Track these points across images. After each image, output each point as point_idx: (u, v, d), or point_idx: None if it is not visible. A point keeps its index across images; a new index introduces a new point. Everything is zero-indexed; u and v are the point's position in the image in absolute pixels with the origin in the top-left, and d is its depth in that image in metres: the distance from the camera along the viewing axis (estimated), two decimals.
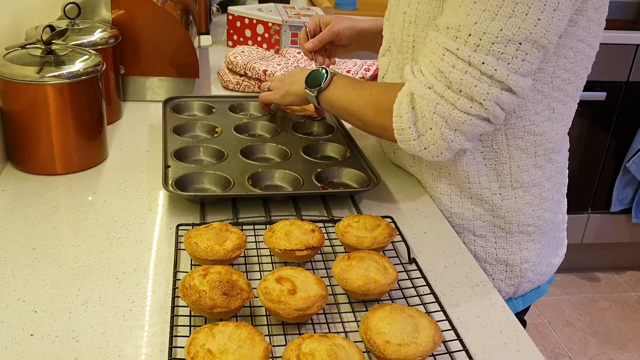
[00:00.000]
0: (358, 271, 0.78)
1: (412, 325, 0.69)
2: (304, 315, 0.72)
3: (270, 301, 0.72)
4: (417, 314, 0.72)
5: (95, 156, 1.10)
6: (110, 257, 0.85)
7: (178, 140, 1.12)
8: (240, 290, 0.73)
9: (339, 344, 0.66)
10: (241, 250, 0.81)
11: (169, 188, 0.96)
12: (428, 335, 0.69)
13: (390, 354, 0.67)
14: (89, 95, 1.05)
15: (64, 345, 0.69)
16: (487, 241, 1.04)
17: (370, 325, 0.70)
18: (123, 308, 0.75)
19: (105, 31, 1.25)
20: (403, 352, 0.67)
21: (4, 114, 1.04)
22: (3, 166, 1.06)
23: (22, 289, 0.77)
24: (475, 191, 1.01)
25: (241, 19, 1.83)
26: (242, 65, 1.50)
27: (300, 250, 0.82)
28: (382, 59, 1.12)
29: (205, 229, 0.82)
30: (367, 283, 0.76)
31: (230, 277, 0.74)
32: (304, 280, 0.75)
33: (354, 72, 1.55)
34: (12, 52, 1.05)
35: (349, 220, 0.89)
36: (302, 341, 0.66)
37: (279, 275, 0.75)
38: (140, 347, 0.70)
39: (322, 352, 0.64)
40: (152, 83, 1.39)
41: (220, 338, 0.66)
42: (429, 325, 0.70)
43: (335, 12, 2.38)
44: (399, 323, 0.69)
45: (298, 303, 0.72)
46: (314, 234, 0.84)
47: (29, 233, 0.89)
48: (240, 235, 0.83)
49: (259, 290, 0.74)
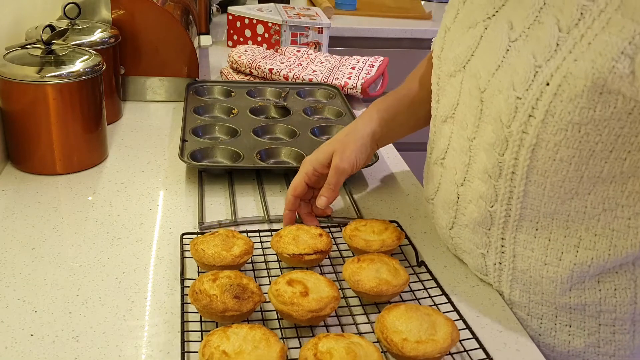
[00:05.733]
0: (369, 273, 0.77)
1: (429, 322, 0.69)
2: (317, 317, 0.71)
3: (283, 303, 0.72)
4: (433, 312, 0.71)
5: (95, 156, 1.10)
6: (110, 257, 0.85)
7: (197, 119, 1.21)
8: (252, 293, 0.72)
9: (356, 342, 0.66)
10: (249, 255, 0.81)
11: (184, 159, 1.05)
12: (446, 332, 0.68)
13: (409, 352, 0.66)
14: (89, 95, 1.05)
15: (64, 345, 0.69)
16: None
17: (386, 324, 0.69)
18: (123, 308, 0.75)
19: (105, 31, 1.25)
20: (422, 349, 0.66)
21: (4, 114, 1.04)
22: (3, 166, 1.06)
23: (22, 289, 0.77)
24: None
25: (241, 19, 1.83)
26: (248, 65, 1.50)
27: (308, 255, 0.81)
28: (443, 126, 0.87)
29: (212, 236, 0.82)
30: (379, 284, 0.76)
31: (241, 281, 0.73)
32: (316, 283, 0.74)
33: (359, 68, 1.53)
34: (12, 52, 1.05)
35: (356, 224, 0.88)
36: (318, 340, 0.66)
37: (290, 278, 0.75)
38: (140, 347, 0.70)
39: (340, 350, 0.64)
40: (152, 83, 1.39)
41: (234, 339, 0.65)
42: (446, 323, 0.69)
43: (335, 12, 2.39)
44: (415, 321, 0.68)
45: (311, 304, 0.71)
46: (322, 238, 0.84)
47: (29, 233, 0.89)
48: (247, 241, 0.83)
49: (271, 294, 0.74)
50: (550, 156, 0.70)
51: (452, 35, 0.84)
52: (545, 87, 0.67)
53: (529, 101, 0.69)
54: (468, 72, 0.79)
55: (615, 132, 0.66)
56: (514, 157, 0.73)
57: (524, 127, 0.70)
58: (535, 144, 0.70)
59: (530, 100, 0.69)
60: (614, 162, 0.69)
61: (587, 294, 0.77)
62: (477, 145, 0.79)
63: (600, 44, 0.63)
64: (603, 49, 0.63)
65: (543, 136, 0.69)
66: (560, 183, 0.72)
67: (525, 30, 0.72)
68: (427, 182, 0.95)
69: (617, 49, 0.62)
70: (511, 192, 0.75)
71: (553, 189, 0.72)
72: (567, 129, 0.67)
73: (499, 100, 0.73)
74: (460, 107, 0.82)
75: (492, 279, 0.83)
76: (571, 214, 0.74)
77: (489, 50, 0.76)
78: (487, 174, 0.77)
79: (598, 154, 0.68)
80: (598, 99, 0.65)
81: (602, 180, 0.71)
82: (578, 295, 0.77)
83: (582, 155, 0.69)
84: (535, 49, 0.69)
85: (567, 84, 0.66)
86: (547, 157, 0.70)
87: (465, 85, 0.80)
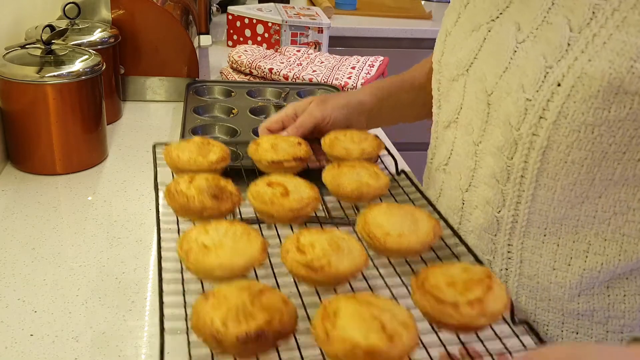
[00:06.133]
0: (350, 177, 0.78)
1: (411, 218, 0.69)
2: (297, 216, 0.70)
3: (263, 203, 0.70)
4: (415, 209, 0.71)
5: (95, 156, 1.10)
6: (110, 257, 0.85)
7: (196, 119, 1.21)
8: (230, 194, 0.70)
9: (339, 235, 0.65)
10: (226, 162, 0.79)
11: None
12: (428, 226, 0.68)
13: (391, 245, 0.66)
14: (89, 95, 1.05)
15: (64, 345, 0.69)
16: None
17: (368, 220, 0.68)
18: (123, 308, 0.75)
19: (105, 31, 1.25)
20: (405, 242, 0.66)
21: (3, 114, 1.03)
22: (3, 166, 1.06)
23: (22, 289, 0.77)
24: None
25: (241, 18, 1.83)
26: (248, 65, 1.50)
27: (287, 162, 0.80)
28: (445, 132, 0.86)
29: (186, 143, 0.80)
30: (360, 187, 0.76)
31: (219, 182, 0.71)
32: (296, 185, 0.73)
33: (359, 68, 1.53)
34: (11, 52, 1.05)
35: (336, 134, 0.88)
36: (300, 235, 0.64)
37: (270, 180, 0.73)
38: (140, 347, 0.70)
39: (323, 241, 0.63)
40: (152, 83, 1.39)
41: (214, 234, 0.63)
42: (428, 219, 0.69)
43: (335, 12, 2.39)
44: (397, 217, 0.68)
45: (292, 204, 0.70)
46: (301, 146, 0.84)
47: (29, 233, 0.89)
48: (223, 147, 0.81)
49: (250, 195, 0.72)
50: (561, 158, 0.69)
51: (454, 39, 0.84)
52: (556, 87, 0.66)
53: (540, 102, 0.68)
54: (472, 76, 0.78)
55: (630, 134, 0.65)
56: (524, 160, 0.72)
57: (534, 129, 0.69)
58: (547, 146, 0.69)
59: (540, 101, 0.68)
60: (627, 164, 0.68)
61: (595, 300, 0.75)
62: (483, 149, 0.78)
63: (617, 43, 0.63)
64: (621, 49, 0.62)
65: (554, 138, 0.68)
66: (571, 186, 0.70)
67: (534, 31, 0.71)
68: (427, 188, 0.94)
69: (637, 48, 0.61)
70: (519, 196, 0.74)
71: (563, 193, 0.71)
72: (580, 130, 0.66)
73: (507, 103, 0.72)
74: (465, 111, 0.81)
75: None
76: (581, 218, 0.72)
77: (494, 52, 0.75)
78: (495, 178, 0.76)
79: (611, 155, 0.67)
80: (613, 100, 0.64)
81: (614, 183, 0.69)
82: (586, 301, 0.76)
83: (594, 157, 0.68)
84: (545, 49, 0.68)
85: (581, 84, 0.65)
86: (559, 159, 0.69)
87: (470, 89, 0.79)
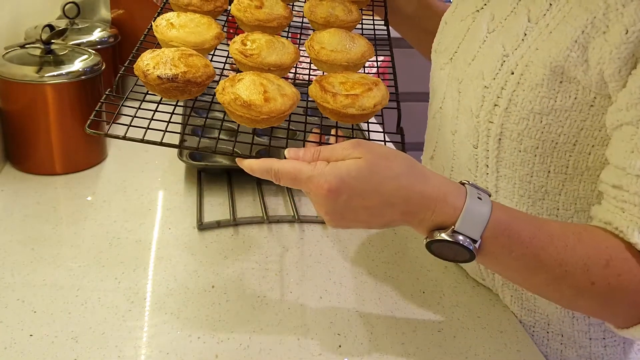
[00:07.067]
0: (325, 9, 0.90)
1: (350, 42, 0.82)
2: (266, 27, 0.86)
3: (239, 11, 0.87)
4: (359, 37, 0.85)
5: (94, 156, 1.10)
6: (110, 257, 0.85)
7: (196, 119, 1.21)
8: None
9: (280, 39, 0.81)
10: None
11: (183, 159, 1.06)
12: (360, 50, 0.82)
13: (322, 57, 0.81)
14: (89, 95, 1.05)
15: (63, 346, 0.69)
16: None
17: (314, 38, 0.84)
18: (122, 308, 0.75)
19: (105, 31, 1.25)
20: (333, 56, 0.81)
21: (3, 114, 1.03)
22: (2, 166, 1.06)
23: (22, 289, 0.77)
24: None
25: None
26: None
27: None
28: (433, 121, 0.89)
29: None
30: (330, 16, 0.89)
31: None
32: (272, 3, 0.89)
33: None
34: (11, 51, 1.04)
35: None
36: (249, 34, 0.81)
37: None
38: (140, 348, 0.69)
39: (262, 39, 0.79)
40: None
41: (183, 18, 0.82)
42: (366, 44, 0.83)
43: None
44: (337, 38, 0.83)
45: (261, 15, 0.86)
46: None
47: (28, 233, 0.89)
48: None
49: (233, 6, 0.88)
50: (515, 147, 0.70)
51: (448, 28, 0.86)
52: (509, 75, 0.68)
53: (494, 90, 0.70)
54: (453, 64, 0.80)
55: (578, 125, 0.66)
56: (485, 149, 0.73)
57: (489, 116, 0.71)
58: (501, 134, 0.70)
59: (495, 89, 0.70)
60: (579, 156, 0.68)
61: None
62: (457, 138, 0.79)
63: (559, 33, 0.65)
64: (560, 38, 0.64)
65: (507, 125, 0.70)
66: (528, 178, 0.71)
67: (502, 21, 0.73)
68: None
69: (571, 37, 0.63)
70: (487, 187, 0.75)
71: (522, 185, 0.72)
72: (529, 118, 0.68)
73: (470, 90, 0.74)
74: (447, 100, 0.82)
75: (489, 283, 0.83)
76: (544, 216, 0.73)
77: (470, 41, 0.77)
78: (468, 167, 0.77)
79: (561, 146, 0.68)
80: (558, 88, 0.65)
81: (570, 178, 0.70)
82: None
83: (545, 147, 0.69)
84: (505, 39, 0.70)
85: (528, 72, 0.67)
86: (513, 147, 0.70)
87: (451, 78, 0.81)
